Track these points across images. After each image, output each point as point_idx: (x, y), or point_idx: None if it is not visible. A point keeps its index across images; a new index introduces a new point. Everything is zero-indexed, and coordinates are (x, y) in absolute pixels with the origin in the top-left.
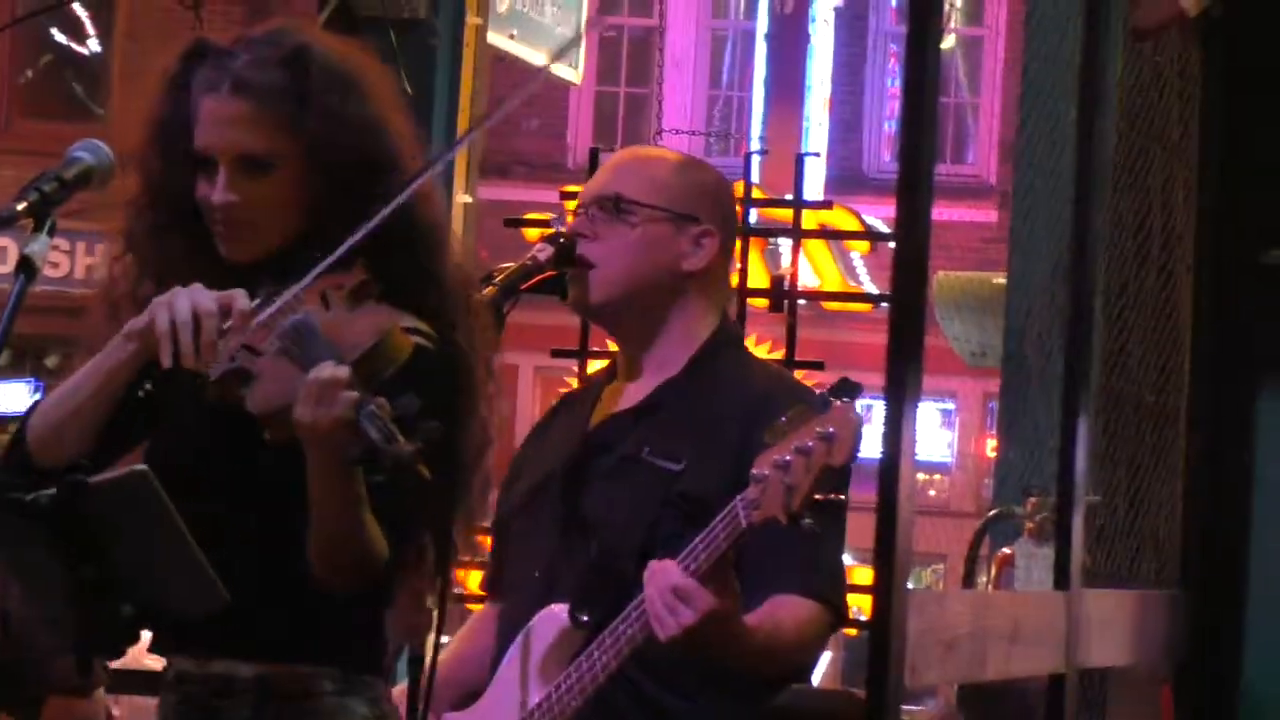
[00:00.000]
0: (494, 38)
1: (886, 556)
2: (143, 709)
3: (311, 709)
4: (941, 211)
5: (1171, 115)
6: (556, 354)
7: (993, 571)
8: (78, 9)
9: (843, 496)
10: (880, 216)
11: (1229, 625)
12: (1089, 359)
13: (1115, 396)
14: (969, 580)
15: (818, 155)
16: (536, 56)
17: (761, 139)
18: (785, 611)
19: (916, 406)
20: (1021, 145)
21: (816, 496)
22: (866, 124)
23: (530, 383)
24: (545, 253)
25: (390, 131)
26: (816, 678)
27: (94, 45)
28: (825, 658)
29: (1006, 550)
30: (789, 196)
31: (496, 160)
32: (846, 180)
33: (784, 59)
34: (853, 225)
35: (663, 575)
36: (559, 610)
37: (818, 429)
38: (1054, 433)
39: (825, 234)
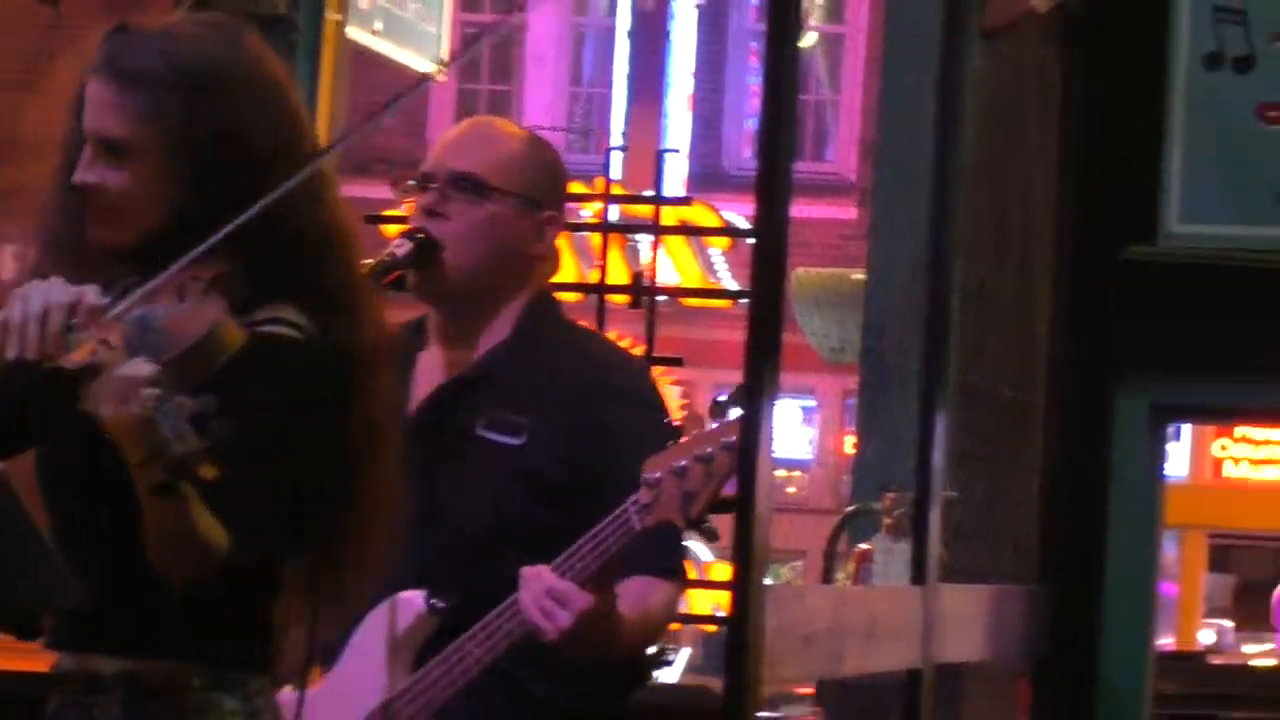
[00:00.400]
0: (356, 33)
1: (745, 552)
2: None
3: (179, 704)
4: (801, 209)
5: (1031, 112)
6: None
7: (851, 567)
8: None
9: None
10: (740, 213)
11: (1087, 621)
12: (946, 355)
13: (973, 393)
14: (827, 576)
15: (677, 151)
16: (399, 53)
17: (623, 135)
18: (652, 595)
19: (774, 403)
20: (881, 143)
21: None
22: (727, 121)
23: None
24: (404, 248)
25: (261, 132)
26: (676, 673)
27: None
28: (684, 653)
29: (864, 546)
30: (649, 193)
31: (357, 158)
32: (707, 177)
33: (645, 56)
34: (712, 222)
35: (536, 580)
36: (415, 596)
37: (722, 439)
38: (912, 429)
39: (685, 230)
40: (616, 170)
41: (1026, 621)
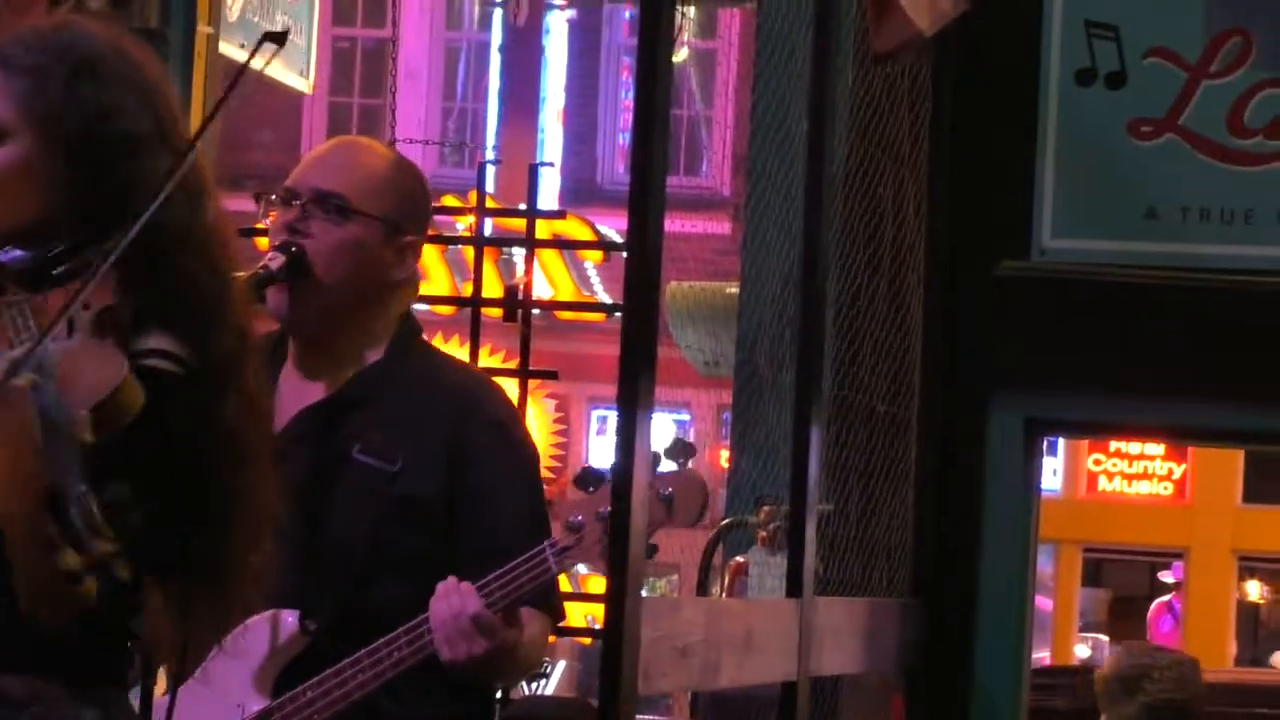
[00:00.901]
0: (226, 47)
1: (619, 564)
2: None
3: (41, 716)
4: (675, 223)
5: (903, 126)
6: None
7: (726, 580)
8: None
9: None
10: (615, 227)
11: (962, 633)
12: (820, 368)
13: (846, 406)
14: (703, 589)
15: (551, 165)
16: (271, 68)
17: (496, 150)
18: (537, 628)
19: (650, 416)
20: (753, 157)
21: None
22: (600, 135)
23: None
24: (277, 261)
25: (136, 118)
26: (552, 686)
27: None
28: (560, 666)
29: (740, 559)
30: (523, 206)
31: (229, 172)
32: (580, 191)
33: (518, 71)
34: (586, 235)
35: (460, 600)
36: (288, 615)
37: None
38: (786, 441)
39: (559, 244)
40: (491, 184)
41: (901, 634)
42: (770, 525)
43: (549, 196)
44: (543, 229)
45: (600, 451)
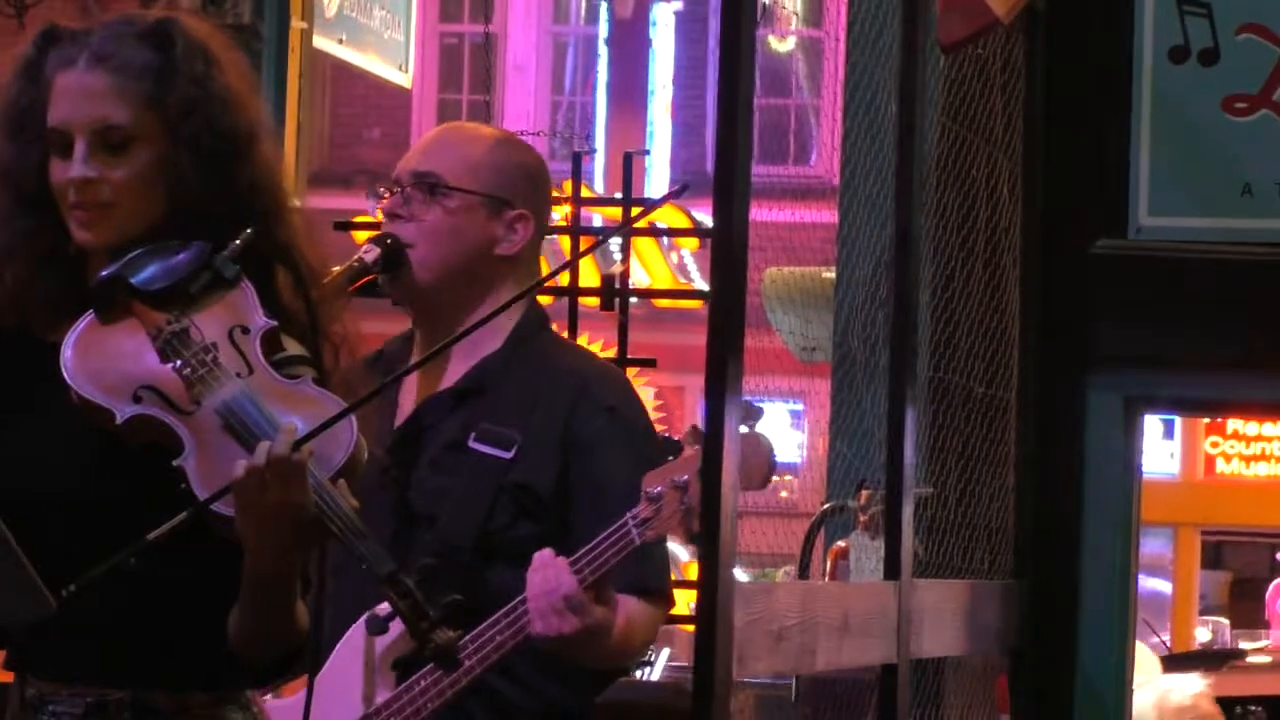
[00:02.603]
0: (321, 42)
1: (712, 548)
2: None
3: None
4: (787, 213)
5: (995, 108)
6: None
7: (828, 565)
8: None
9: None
10: None
11: (1064, 614)
12: (914, 351)
13: (944, 389)
14: (803, 575)
15: (648, 153)
16: (364, 60)
17: (588, 140)
18: (634, 614)
19: (738, 398)
20: (847, 143)
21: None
22: (709, 126)
23: None
24: (372, 254)
25: (249, 109)
26: (656, 674)
27: None
28: (664, 654)
29: (841, 543)
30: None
31: (339, 170)
32: (690, 182)
33: (626, 63)
34: (682, 223)
35: (555, 576)
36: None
37: (685, 468)
38: (884, 425)
39: (654, 231)
40: (600, 177)
41: (1003, 616)
42: (870, 509)
43: (658, 189)
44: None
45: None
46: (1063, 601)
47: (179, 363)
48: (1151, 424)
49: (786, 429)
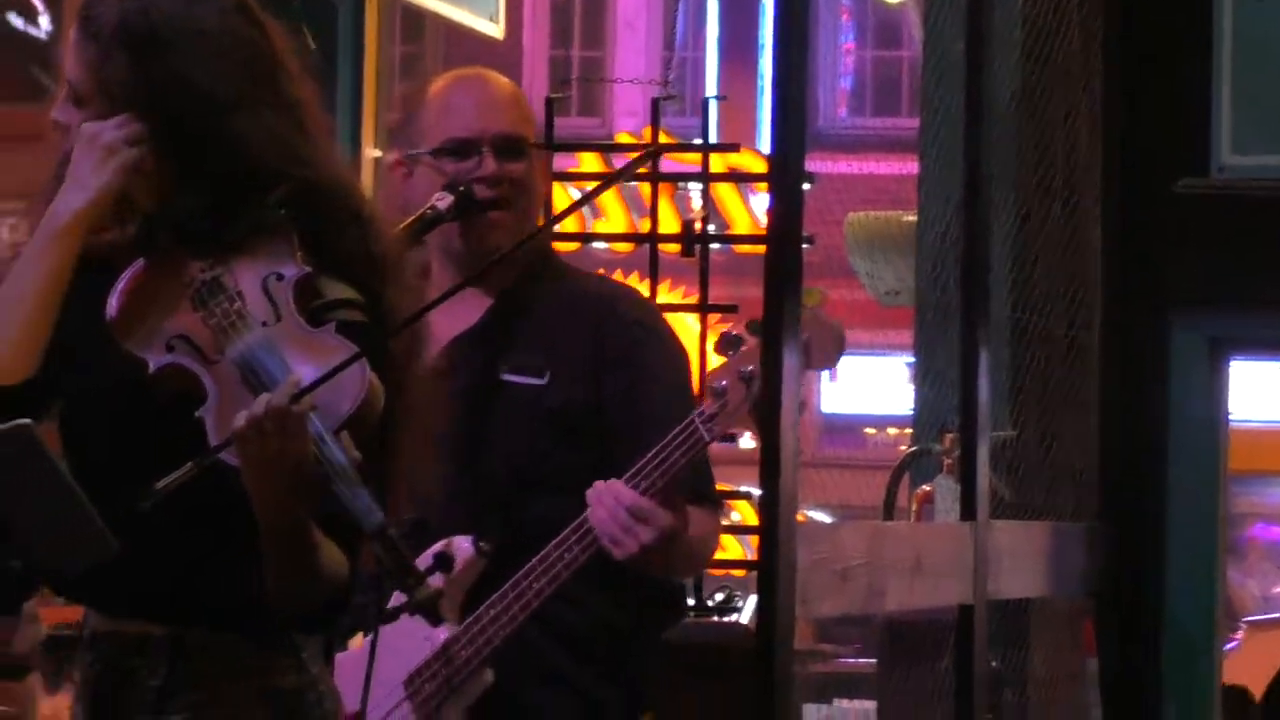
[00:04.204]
0: None
1: (772, 487)
2: None
3: (229, 664)
4: (894, 164)
5: (1074, 47)
6: None
7: (913, 508)
8: None
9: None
10: (840, 172)
11: (1150, 555)
12: (985, 290)
13: (1023, 330)
14: (888, 518)
15: (725, 98)
16: (453, 12)
17: (717, 97)
18: (701, 520)
19: (796, 339)
20: (926, 87)
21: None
22: (821, 80)
23: None
24: (445, 201)
25: (208, 84)
26: (745, 619)
27: (45, 25)
28: (752, 600)
29: (926, 487)
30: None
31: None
32: (806, 137)
33: (736, 18)
34: (762, 168)
35: (613, 496)
36: (463, 541)
37: (736, 365)
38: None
39: (733, 177)
40: (714, 128)
41: (1087, 558)
42: (954, 453)
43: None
44: (716, 163)
45: (832, 395)
46: (1148, 544)
47: (207, 312)
48: (1275, 372)
49: (904, 383)
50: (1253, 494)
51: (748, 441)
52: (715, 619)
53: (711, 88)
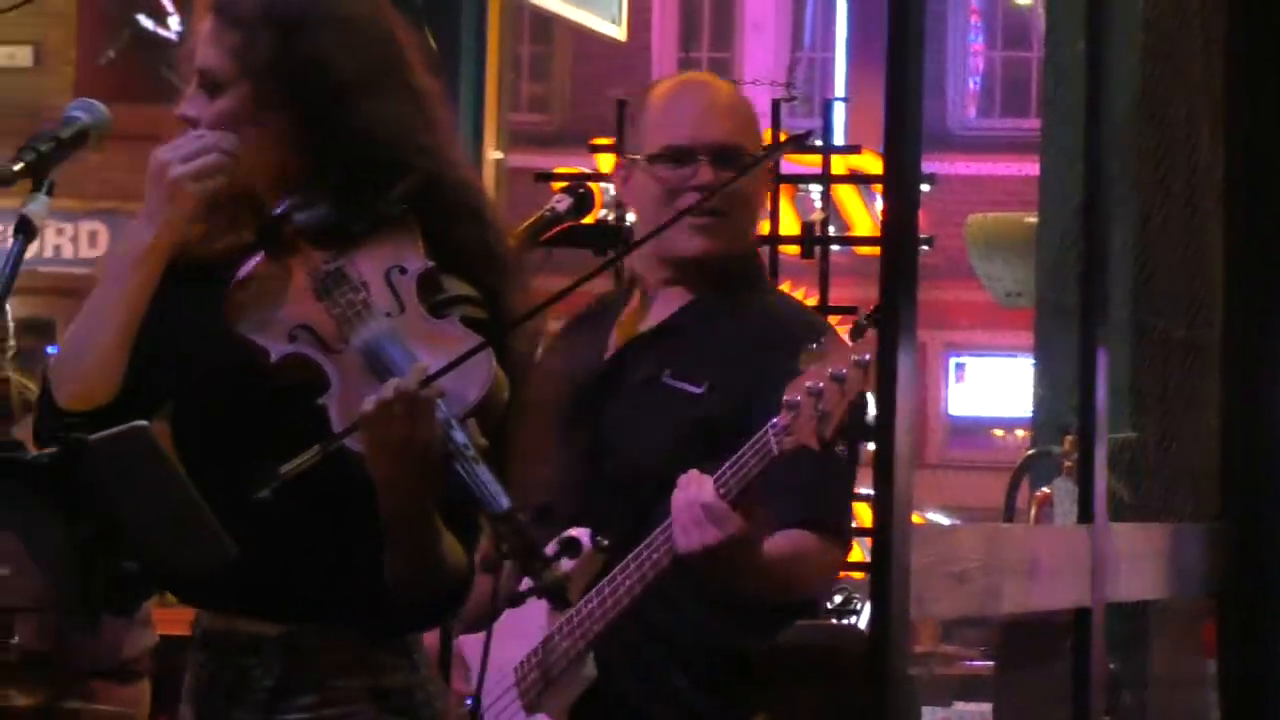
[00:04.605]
0: None
1: (886, 488)
2: None
3: (339, 661)
4: (1026, 166)
5: (1195, 48)
6: None
7: (1033, 511)
8: None
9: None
10: (968, 173)
11: (1271, 558)
12: (1104, 290)
13: (1143, 331)
14: (1008, 519)
15: (846, 100)
16: (575, 14)
17: (846, 98)
18: (803, 548)
19: (912, 339)
20: (1048, 89)
21: (848, 425)
22: (951, 81)
23: None
24: (564, 203)
25: (346, 64)
26: (863, 624)
27: (175, 25)
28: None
29: (1045, 490)
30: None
31: (580, 129)
32: (933, 138)
33: (865, 18)
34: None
35: (696, 488)
36: (581, 534)
37: (853, 356)
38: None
39: (854, 179)
40: (841, 130)
41: (1207, 559)
42: (1073, 455)
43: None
44: (838, 164)
45: (958, 397)
46: (1269, 545)
47: (330, 302)
48: None
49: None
50: None
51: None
52: (832, 621)
53: (840, 89)
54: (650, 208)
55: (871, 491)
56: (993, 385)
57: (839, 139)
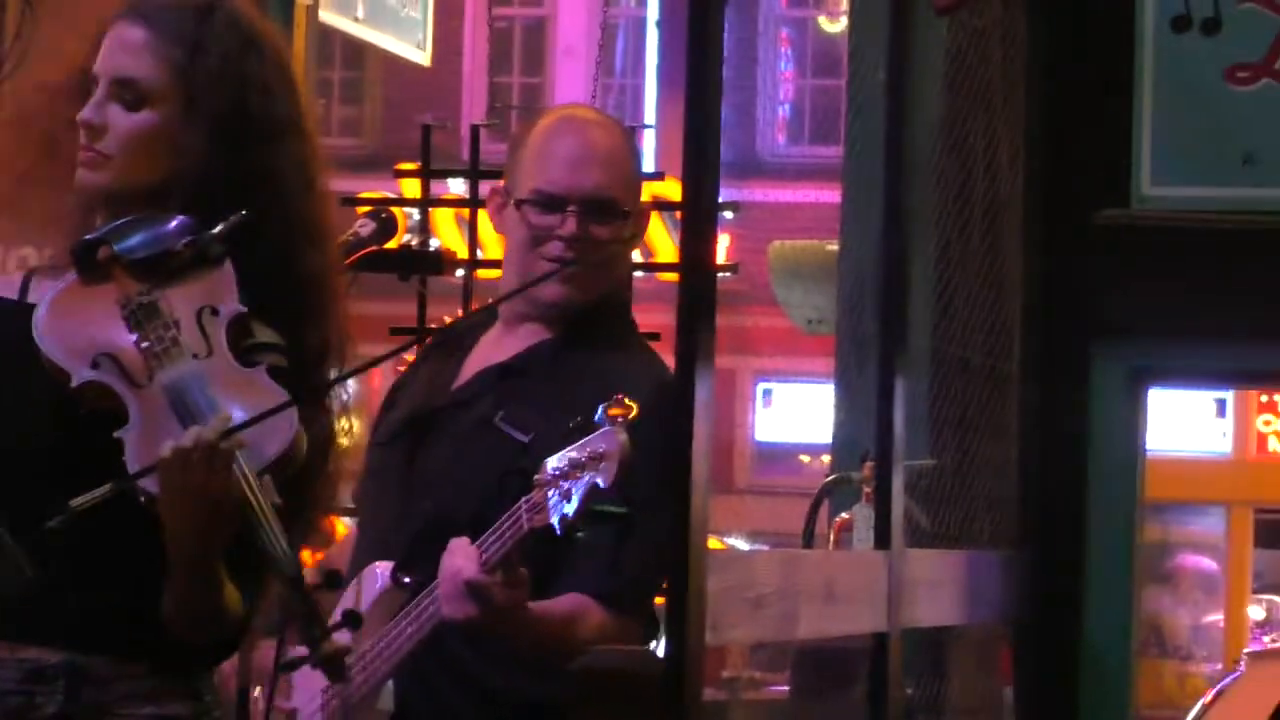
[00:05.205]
0: (334, 19)
1: (683, 515)
2: None
3: (126, 694)
4: (836, 194)
5: (994, 78)
6: (395, 331)
7: (831, 537)
8: None
9: (624, 511)
10: (777, 200)
11: (1067, 583)
12: (903, 320)
13: (941, 359)
14: (807, 544)
15: (651, 127)
16: (381, 39)
17: (656, 124)
18: (583, 615)
19: (710, 365)
20: (849, 117)
21: (594, 509)
22: (760, 107)
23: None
24: (367, 228)
25: (280, 100)
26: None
27: None
28: None
29: (845, 515)
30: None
31: (390, 153)
32: (743, 165)
33: (676, 45)
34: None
35: (462, 559)
36: (382, 569)
37: (590, 449)
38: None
39: (656, 205)
40: (650, 157)
41: (1005, 586)
42: (873, 481)
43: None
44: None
45: (766, 423)
46: (1066, 574)
47: (140, 335)
48: (1204, 403)
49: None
50: (1186, 523)
51: None
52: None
53: (650, 116)
54: (517, 248)
55: None
56: (799, 411)
57: (648, 166)
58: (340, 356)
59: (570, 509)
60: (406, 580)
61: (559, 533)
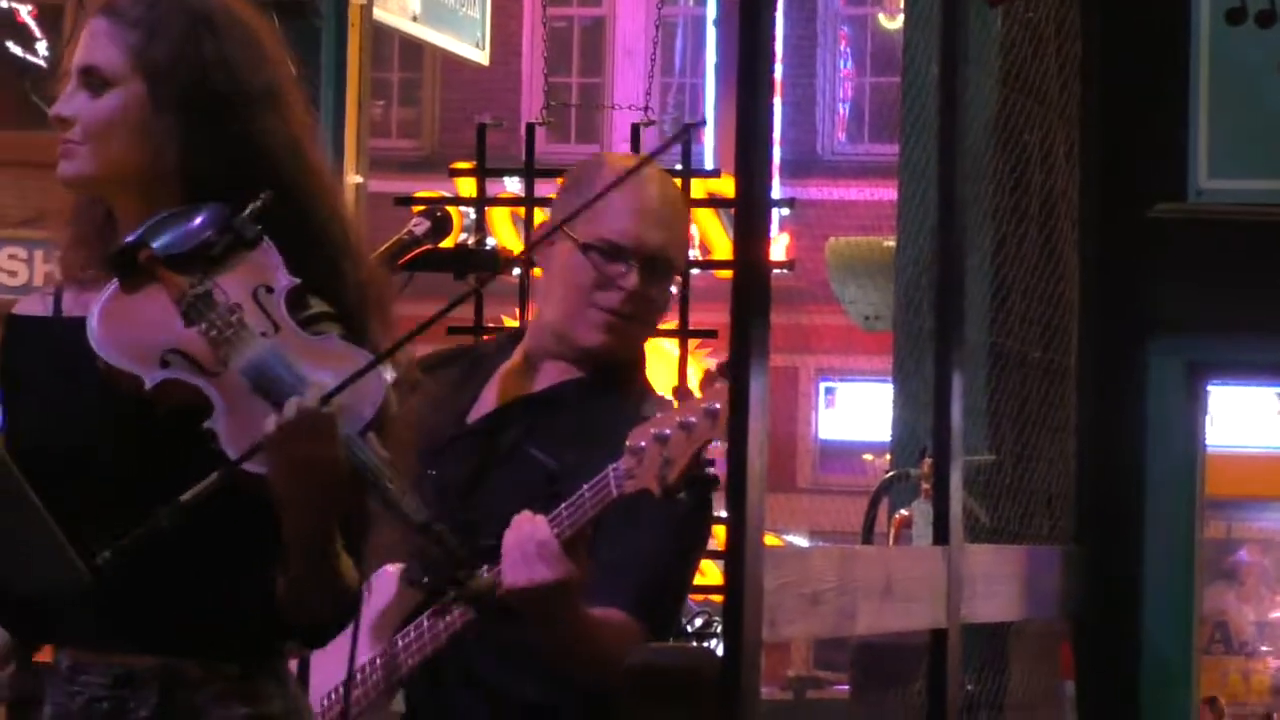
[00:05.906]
0: (390, 18)
1: (738, 512)
2: None
3: (219, 694)
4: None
5: (1049, 71)
6: (453, 331)
7: (891, 533)
8: (25, 17)
9: (713, 473)
10: (836, 198)
11: (1127, 578)
12: (959, 314)
13: (999, 353)
14: (866, 541)
15: (704, 124)
16: (438, 38)
17: (715, 122)
18: (618, 624)
19: (764, 362)
20: (905, 114)
21: (692, 472)
22: (820, 106)
23: None
24: (421, 226)
25: (252, 74)
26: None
27: (43, 51)
28: None
29: (904, 512)
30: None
31: (448, 154)
32: (802, 163)
33: (733, 44)
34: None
35: (530, 526)
36: (393, 571)
37: (703, 405)
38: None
39: (712, 203)
40: (710, 156)
41: (1062, 581)
42: (932, 477)
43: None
44: (697, 188)
45: (829, 421)
46: (1125, 568)
47: (204, 325)
48: (1266, 399)
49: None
50: (1248, 519)
51: None
52: (691, 644)
53: (709, 114)
54: (568, 283)
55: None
56: (862, 409)
57: (708, 163)
58: (377, 318)
59: (672, 473)
60: (424, 580)
61: (657, 494)
